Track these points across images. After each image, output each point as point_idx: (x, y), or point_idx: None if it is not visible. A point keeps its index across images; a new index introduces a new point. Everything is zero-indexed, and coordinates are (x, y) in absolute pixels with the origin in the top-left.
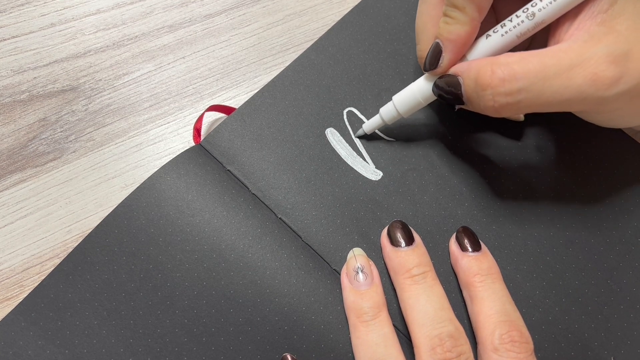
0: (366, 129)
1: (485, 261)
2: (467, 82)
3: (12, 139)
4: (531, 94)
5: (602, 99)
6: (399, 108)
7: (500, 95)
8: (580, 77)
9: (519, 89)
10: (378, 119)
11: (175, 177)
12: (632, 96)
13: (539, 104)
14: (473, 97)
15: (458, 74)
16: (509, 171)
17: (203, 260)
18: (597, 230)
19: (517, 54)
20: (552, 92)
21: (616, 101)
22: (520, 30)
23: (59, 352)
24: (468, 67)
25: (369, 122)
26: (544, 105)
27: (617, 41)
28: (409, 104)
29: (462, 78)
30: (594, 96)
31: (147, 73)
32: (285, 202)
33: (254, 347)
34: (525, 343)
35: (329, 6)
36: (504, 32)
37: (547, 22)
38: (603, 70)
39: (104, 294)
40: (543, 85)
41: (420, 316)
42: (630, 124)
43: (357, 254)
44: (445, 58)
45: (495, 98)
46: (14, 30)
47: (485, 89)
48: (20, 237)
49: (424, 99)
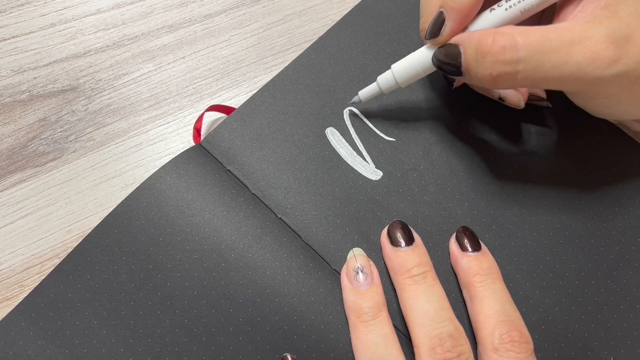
0: (362, 96)
1: (485, 261)
2: (467, 50)
3: (12, 139)
4: (530, 65)
5: (599, 79)
6: (397, 77)
7: (499, 63)
8: (580, 54)
9: (519, 59)
10: (375, 87)
11: (175, 177)
12: (629, 81)
13: (536, 77)
14: (472, 65)
15: (459, 42)
16: (509, 171)
17: (203, 260)
18: (597, 230)
19: (520, 27)
20: (551, 65)
21: (612, 83)
22: (524, 6)
23: (59, 352)
24: (469, 36)
25: (365, 89)
26: (541, 80)
27: (619, 24)
28: (408, 74)
29: (463, 47)
30: (592, 75)
31: (147, 73)
32: (285, 201)
33: (254, 347)
34: (525, 343)
35: (329, 6)
36: (508, 7)
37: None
38: (603, 49)
39: (104, 293)
40: (542, 57)
41: (420, 316)
42: (624, 115)
43: (357, 254)
44: (448, 27)
45: (494, 66)
46: (14, 30)
47: (485, 56)
48: (20, 237)
49: (423, 70)
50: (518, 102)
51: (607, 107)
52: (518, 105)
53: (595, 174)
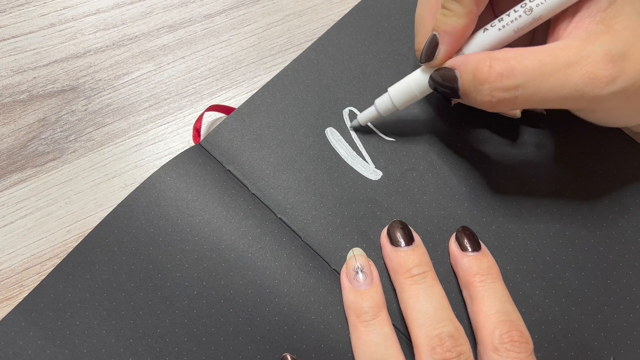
0: (361, 119)
1: (485, 261)
2: (464, 75)
3: (12, 139)
4: (528, 90)
5: (599, 98)
6: (394, 100)
7: (497, 90)
8: (578, 75)
9: (516, 85)
10: (373, 110)
11: (175, 177)
12: (628, 95)
13: (536, 101)
14: (470, 90)
15: (455, 67)
16: (509, 171)
17: (203, 260)
18: (597, 230)
19: (515, 50)
20: (549, 89)
21: (612, 100)
22: (518, 25)
23: (59, 352)
24: (465, 61)
25: (364, 113)
26: (541, 102)
27: (615, 40)
28: (405, 96)
29: (459, 72)
30: (591, 94)
31: (146, 73)
32: (285, 201)
33: (253, 347)
34: (525, 343)
35: (329, 6)
36: (502, 27)
37: (544, 18)
38: (600, 69)
39: (104, 293)
40: (540, 82)
41: (420, 316)
42: (627, 123)
43: (356, 254)
44: (442, 50)
45: (492, 93)
46: (14, 30)
47: (483, 84)
48: (20, 237)
49: (420, 92)
50: (514, 113)
51: (608, 118)
52: (515, 115)
53: (595, 174)
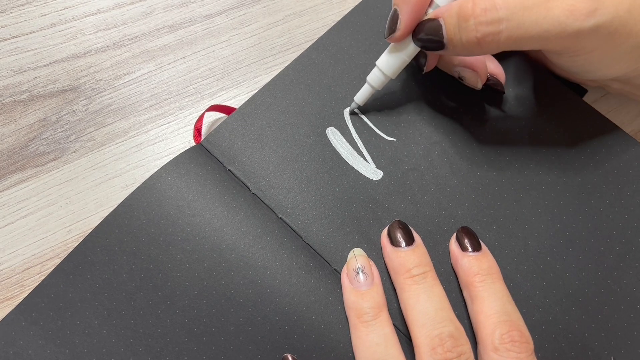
0: (357, 100)
1: (485, 261)
2: (448, 20)
3: (12, 139)
4: (512, 23)
5: (580, 32)
6: (384, 70)
7: (482, 24)
8: (558, 8)
9: (500, 18)
10: (367, 88)
11: (175, 177)
12: (608, 32)
13: (519, 36)
14: (455, 33)
15: (439, 16)
16: (509, 171)
17: (203, 260)
18: (597, 230)
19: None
20: (532, 22)
21: (592, 36)
22: None
23: (59, 352)
24: (448, 7)
25: (359, 93)
26: (525, 39)
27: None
28: (394, 64)
29: (443, 18)
30: (572, 27)
31: (147, 73)
32: (285, 201)
33: (254, 346)
34: (526, 343)
35: (329, 6)
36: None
37: None
38: (579, 1)
39: (104, 293)
40: (523, 15)
41: (421, 316)
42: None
43: (357, 254)
44: (402, 20)
45: (477, 28)
46: (15, 30)
47: (467, 20)
48: (20, 237)
49: (407, 55)
50: (476, 82)
51: (590, 64)
52: (476, 85)
53: (595, 173)
